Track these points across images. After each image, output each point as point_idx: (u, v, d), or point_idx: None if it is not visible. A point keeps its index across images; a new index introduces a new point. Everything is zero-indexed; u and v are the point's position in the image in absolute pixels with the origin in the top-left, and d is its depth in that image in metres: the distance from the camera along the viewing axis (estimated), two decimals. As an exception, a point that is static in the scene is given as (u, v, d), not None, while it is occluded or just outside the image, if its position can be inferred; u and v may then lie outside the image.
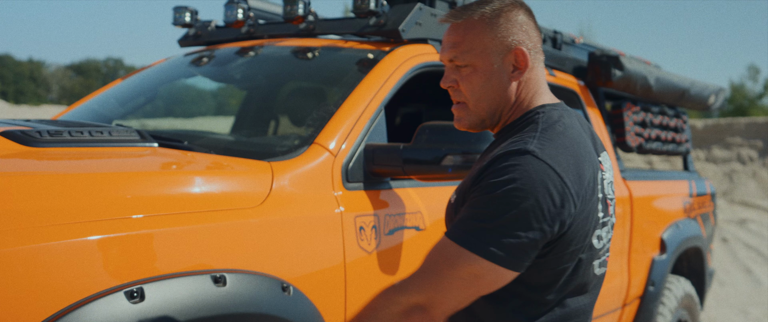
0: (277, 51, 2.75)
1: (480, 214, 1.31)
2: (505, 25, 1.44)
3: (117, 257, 1.46)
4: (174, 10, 3.03)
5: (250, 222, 1.74)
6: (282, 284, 1.74)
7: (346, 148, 2.09)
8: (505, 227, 1.29)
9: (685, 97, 4.13)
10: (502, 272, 1.31)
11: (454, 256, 1.32)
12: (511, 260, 1.30)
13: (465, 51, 1.44)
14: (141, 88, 2.95)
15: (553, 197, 1.30)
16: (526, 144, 1.34)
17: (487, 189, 1.31)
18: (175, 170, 1.81)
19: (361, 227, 2.02)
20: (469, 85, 1.46)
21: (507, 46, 1.44)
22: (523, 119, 1.46)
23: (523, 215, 1.28)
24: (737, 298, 7.16)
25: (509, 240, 1.28)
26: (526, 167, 1.30)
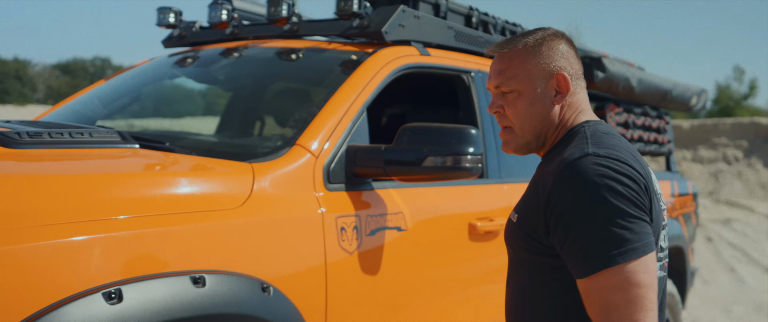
0: (261, 52, 2.75)
1: (593, 231, 1.32)
2: (548, 53, 1.54)
3: (96, 259, 1.46)
4: (158, 10, 3.03)
5: (230, 223, 1.75)
6: (262, 284, 1.75)
7: (328, 150, 2.10)
8: (623, 225, 1.31)
9: (667, 99, 4.17)
10: (651, 258, 1.32)
11: (623, 276, 1.31)
12: (646, 244, 1.32)
13: (510, 77, 1.53)
14: (124, 88, 2.95)
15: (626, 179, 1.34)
16: (581, 151, 1.41)
17: (576, 208, 1.34)
18: (156, 172, 1.82)
19: (342, 227, 2.03)
20: (515, 109, 1.54)
21: (549, 72, 1.53)
22: (568, 135, 1.54)
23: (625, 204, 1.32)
24: (721, 297, 7.24)
25: (636, 230, 1.31)
26: (589, 169, 1.35)
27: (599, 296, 1.33)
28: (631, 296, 1.30)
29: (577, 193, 1.35)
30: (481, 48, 2.97)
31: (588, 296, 1.35)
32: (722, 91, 29.88)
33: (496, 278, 2.66)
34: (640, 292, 1.31)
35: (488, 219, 2.58)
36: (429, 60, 2.62)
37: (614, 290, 1.31)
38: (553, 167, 1.43)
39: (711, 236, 11.29)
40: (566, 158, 1.41)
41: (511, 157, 2.85)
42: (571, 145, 1.47)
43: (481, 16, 3.08)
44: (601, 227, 1.32)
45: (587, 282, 1.34)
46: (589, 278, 1.34)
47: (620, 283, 1.31)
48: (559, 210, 1.37)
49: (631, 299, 1.31)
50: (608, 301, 1.32)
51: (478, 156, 2.12)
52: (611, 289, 1.31)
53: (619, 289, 1.31)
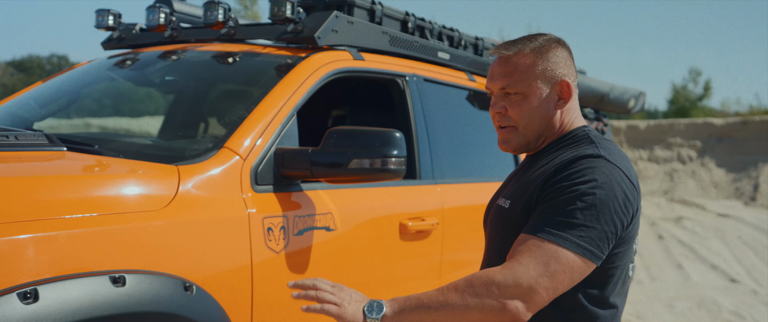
0: (199, 55, 2.79)
1: (566, 213, 1.43)
2: (554, 60, 1.64)
3: (12, 259, 1.50)
4: (96, 13, 3.05)
5: (153, 225, 1.79)
6: (184, 283, 1.80)
7: (256, 152, 2.16)
8: (592, 223, 1.43)
9: (604, 101, 4.32)
10: (590, 265, 1.44)
11: (551, 253, 1.41)
12: (597, 253, 1.43)
13: (518, 80, 1.62)
14: (62, 90, 2.96)
15: (626, 194, 1.47)
16: (594, 151, 1.53)
17: (568, 190, 1.46)
18: (80, 174, 1.86)
19: (269, 227, 2.09)
20: (520, 111, 1.63)
21: (554, 78, 1.63)
22: (569, 136, 1.65)
23: (605, 210, 1.44)
24: (666, 292, 7.47)
25: (596, 234, 1.43)
26: (601, 168, 1.47)
27: (528, 251, 1.42)
28: (554, 271, 1.40)
29: (580, 178, 1.46)
30: (417, 53, 3.05)
31: (518, 245, 1.45)
32: (678, 92, 30.66)
33: (428, 276, 2.75)
34: (564, 279, 1.41)
35: (420, 219, 2.67)
36: (362, 64, 2.70)
37: (547, 259, 1.41)
38: (560, 158, 1.55)
39: (662, 234, 11.61)
40: (579, 152, 1.53)
41: (445, 159, 2.95)
42: (578, 145, 1.59)
43: (418, 22, 3.16)
44: (581, 214, 1.42)
45: (534, 239, 1.44)
46: (538, 238, 1.43)
47: (560, 261, 1.41)
48: (556, 185, 1.48)
49: (553, 273, 1.40)
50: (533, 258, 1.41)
51: (402, 158, 2.20)
52: (547, 257, 1.41)
53: (552, 261, 1.41)
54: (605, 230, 1.43)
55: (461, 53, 3.37)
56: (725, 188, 19.66)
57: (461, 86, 3.29)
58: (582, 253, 1.42)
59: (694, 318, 6.39)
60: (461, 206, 2.91)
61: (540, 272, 1.40)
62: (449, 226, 2.80)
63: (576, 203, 1.44)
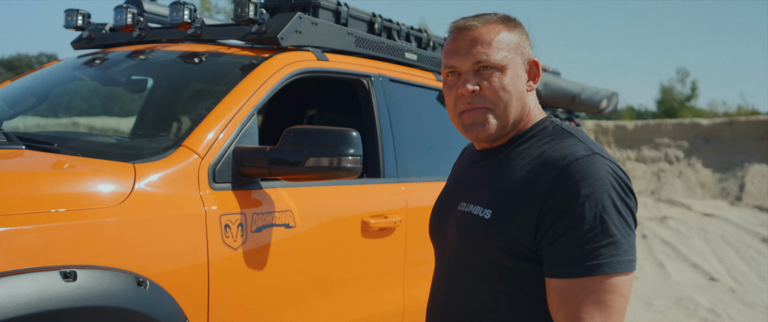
0: (166, 55, 2.83)
1: (592, 236, 1.27)
2: (522, 35, 1.47)
3: (-39, 255, 1.53)
4: (65, 13, 3.08)
5: (107, 221, 1.83)
6: (137, 278, 1.84)
7: (214, 150, 2.20)
8: (619, 233, 1.28)
9: (576, 102, 4.38)
10: (633, 276, 1.31)
11: (613, 286, 1.27)
12: (633, 258, 1.30)
13: (496, 52, 1.42)
14: (31, 89, 2.99)
15: (628, 185, 1.34)
16: (585, 149, 1.36)
17: (584, 208, 1.28)
18: (36, 172, 1.89)
19: (226, 224, 2.13)
20: (499, 87, 1.42)
21: (527, 54, 1.48)
22: (538, 128, 1.47)
23: (624, 211, 1.30)
24: (645, 291, 7.55)
25: (626, 241, 1.29)
26: (601, 169, 1.31)
27: (580, 299, 1.26)
28: (616, 306, 1.27)
29: (588, 190, 1.28)
30: (384, 54, 3.10)
31: (565, 299, 1.28)
32: (666, 92, 30.86)
33: (392, 273, 2.80)
34: (621, 303, 1.28)
35: (383, 217, 2.71)
36: (326, 65, 2.74)
37: (601, 295, 1.26)
38: (547, 160, 1.36)
39: (646, 233, 11.71)
40: (572, 154, 1.34)
41: (410, 158, 2.99)
42: (558, 140, 1.41)
43: (385, 23, 3.21)
44: (608, 231, 1.27)
45: (572, 283, 1.28)
46: (576, 279, 1.27)
47: (609, 290, 1.26)
48: (563, 205, 1.29)
49: (615, 310, 1.27)
50: (591, 306, 1.26)
51: (359, 157, 2.24)
52: (599, 293, 1.26)
53: (606, 294, 1.26)
54: (630, 232, 1.31)
55: (429, 54, 3.41)
56: (711, 188, 19.82)
57: (428, 86, 3.34)
58: (625, 268, 1.28)
59: (672, 316, 6.47)
60: (426, 205, 2.95)
61: (604, 314, 1.27)
62: (413, 224, 2.85)
63: (597, 220, 1.27)
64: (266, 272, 2.24)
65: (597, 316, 1.26)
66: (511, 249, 1.36)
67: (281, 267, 2.30)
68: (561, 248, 1.29)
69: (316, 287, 2.44)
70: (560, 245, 1.29)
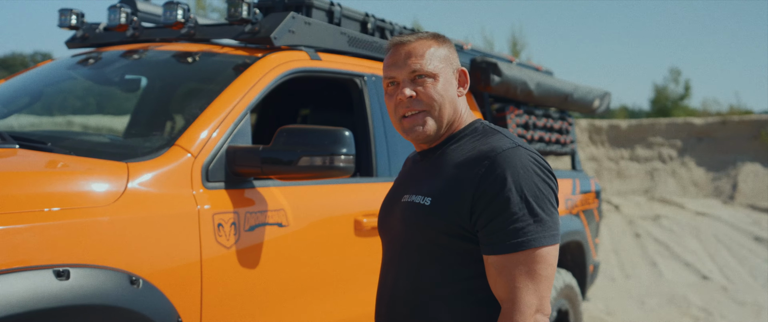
0: (159, 55, 2.84)
1: (520, 215, 1.48)
2: (450, 49, 1.71)
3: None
4: (59, 12, 3.08)
5: (100, 220, 1.84)
6: (130, 277, 1.85)
7: (208, 150, 2.21)
8: (544, 211, 1.50)
9: (568, 101, 4.40)
10: (558, 247, 1.53)
11: (541, 258, 1.48)
12: (558, 232, 1.52)
13: (428, 62, 1.64)
14: (25, 88, 2.99)
15: (549, 170, 1.57)
16: (510, 142, 1.57)
17: (511, 192, 1.49)
18: (29, 171, 1.90)
19: (219, 223, 2.14)
20: (433, 92, 1.64)
21: (456, 64, 1.71)
22: (470, 129, 1.69)
23: (548, 192, 1.53)
24: (638, 289, 7.59)
25: (550, 218, 1.51)
26: (524, 157, 1.53)
27: (515, 272, 1.47)
28: (545, 274, 1.48)
29: (514, 177, 1.50)
30: (377, 53, 3.11)
31: (502, 271, 1.49)
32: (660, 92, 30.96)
33: (384, 272, 2.81)
34: (549, 272, 1.49)
35: (375, 215, 2.73)
36: (319, 64, 2.76)
37: (533, 266, 1.47)
38: (480, 153, 1.56)
39: (639, 232, 11.76)
40: (500, 146, 1.55)
41: (402, 156, 3.01)
42: (488, 136, 1.62)
43: (377, 23, 3.22)
44: (533, 210, 1.48)
45: (506, 258, 1.48)
46: (510, 254, 1.48)
47: (539, 261, 1.48)
48: (493, 191, 1.50)
49: (545, 277, 1.48)
50: (523, 276, 1.47)
51: (351, 156, 2.26)
52: (531, 265, 1.47)
53: (537, 266, 1.48)
54: (553, 210, 1.52)
55: (422, 53, 3.42)
56: (704, 187, 19.91)
57: (421, 86, 3.35)
58: (550, 241, 1.49)
59: (664, 314, 6.51)
60: (418, 203, 2.97)
61: (535, 281, 1.48)
62: (405, 222, 2.86)
63: (523, 202, 1.49)
64: (259, 271, 2.25)
65: (529, 284, 1.48)
66: (449, 230, 1.56)
67: (274, 266, 2.31)
68: (495, 229, 1.50)
69: (309, 285, 2.45)
70: (494, 226, 1.50)
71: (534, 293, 1.48)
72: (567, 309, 4.22)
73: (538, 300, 1.48)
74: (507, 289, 1.49)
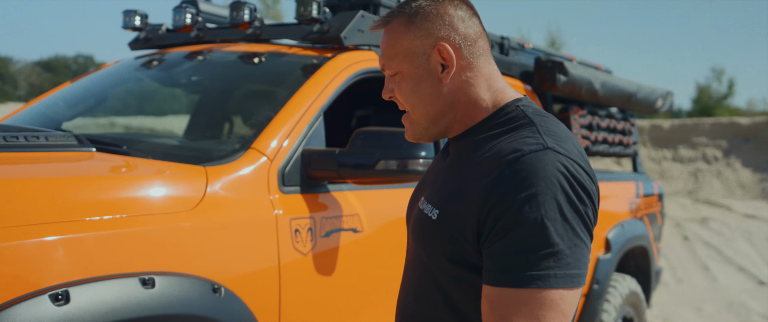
0: (225, 56, 2.79)
1: (542, 238, 1.11)
2: (424, 24, 1.29)
3: (44, 261, 1.50)
4: (123, 13, 3.06)
5: (182, 226, 1.79)
6: (213, 285, 1.79)
7: (283, 153, 2.15)
8: (574, 242, 1.12)
9: (632, 101, 4.25)
10: (580, 289, 1.14)
11: (550, 302, 1.10)
12: (582, 272, 1.13)
13: (390, 57, 1.32)
14: (90, 90, 2.97)
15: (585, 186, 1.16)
16: (538, 142, 1.19)
17: (527, 206, 1.12)
18: (109, 176, 1.86)
19: (296, 229, 2.08)
20: (402, 93, 1.33)
21: (429, 44, 1.29)
22: (501, 114, 1.30)
23: (570, 216, 1.13)
24: (693, 295, 7.36)
25: (571, 252, 1.12)
26: (549, 167, 1.14)
27: (511, 311, 1.11)
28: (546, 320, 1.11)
29: (531, 191, 1.12)
30: (443, 52, 3.02)
31: (497, 307, 1.13)
32: (702, 91, 30.23)
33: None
34: (558, 320, 1.11)
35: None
36: (389, 64, 2.67)
37: (533, 311, 1.10)
38: (496, 154, 1.20)
39: (687, 235, 11.45)
40: (520, 148, 1.17)
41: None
42: (517, 130, 1.25)
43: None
44: (548, 238, 1.10)
45: (505, 292, 1.12)
46: (508, 289, 1.12)
47: (543, 305, 1.10)
48: (504, 205, 1.13)
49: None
50: (519, 319, 1.10)
51: (430, 159, 2.17)
52: (530, 308, 1.10)
53: (538, 311, 1.10)
54: (578, 241, 1.13)
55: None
56: (752, 189, 19.35)
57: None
58: (566, 284, 1.11)
59: (723, 321, 6.29)
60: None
61: None
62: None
63: (537, 226, 1.11)
64: (335, 278, 2.18)
65: None
66: (455, 257, 1.22)
67: (350, 272, 2.24)
68: (496, 253, 1.14)
69: (384, 291, 2.38)
70: (496, 250, 1.14)
71: None
72: (632, 317, 4.08)
73: None
74: None
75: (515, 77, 3.57)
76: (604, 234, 3.78)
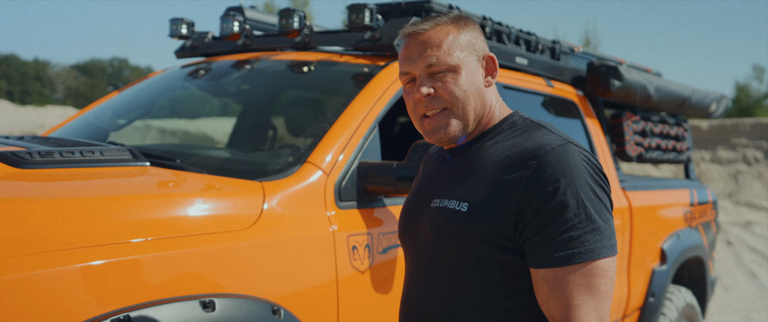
0: (273, 64, 2.74)
1: (584, 218, 1.29)
2: (474, 33, 1.47)
3: (104, 285, 1.45)
4: (170, 22, 3.03)
5: (240, 245, 1.73)
6: (272, 307, 1.73)
7: (340, 166, 2.08)
8: (606, 218, 1.32)
9: (686, 106, 4.10)
10: (615, 258, 1.33)
11: (601, 270, 1.29)
12: (615, 243, 1.33)
13: (446, 54, 1.42)
14: (137, 100, 2.95)
15: (606, 181, 1.36)
16: (559, 138, 1.36)
17: (567, 192, 1.29)
18: (166, 193, 1.80)
19: (353, 246, 2.00)
20: (454, 87, 1.42)
21: (481, 51, 1.47)
22: (507, 123, 1.47)
23: (606, 199, 1.34)
24: (741, 303, 7.13)
25: (611, 227, 1.32)
26: (576, 157, 1.32)
27: (571, 287, 1.28)
28: (605, 289, 1.29)
29: (568, 178, 1.30)
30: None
31: (556, 287, 1.29)
32: (741, 90, 29.49)
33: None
34: (609, 286, 1.30)
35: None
36: (442, 72, 2.59)
37: (592, 280, 1.28)
38: (522, 151, 1.35)
39: (731, 239, 11.13)
40: (547, 143, 1.34)
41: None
42: (530, 131, 1.41)
43: (495, 26, 3.03)
44: (590, 217, 1.29)
45: (560, 271, 1.28)
46: (565, 267, 1.28)
47: (599, 274, 1.28)
48: (544, 195, 1.30)
49: (605, 293, 1.30)
50: (582, 291, 1.28)
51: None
52: (590, 278, 1.28)
53: (597, 279, 1.28)
54: (609, 216, 1.33)
55: (539, 58, 3.23)
56: (795, 191, 18.79)
57: (540, 93, 3.15)
58: (610, 252, 1.30)
59: (775, 332, 6.06)
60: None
61: (596, 298, 1.29)
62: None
63: (579, 208, 1.29)
64: (393, 296, 2.10)
65: (589, 300, 1.28)
66: (489, 240, 1.35)
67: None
68: (546, 238, 1.30)
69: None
70: (545, 235, 1.30)
71: (595, 310, 1.28)
72: (687, 330, 3.93)
73: (599, 319, 1.29)
74: (562, 307, 1.29)
75: (567, 83, 3.45)
76: (659, 245, 3.64)
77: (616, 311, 3.31)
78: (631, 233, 3.37)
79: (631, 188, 3.52)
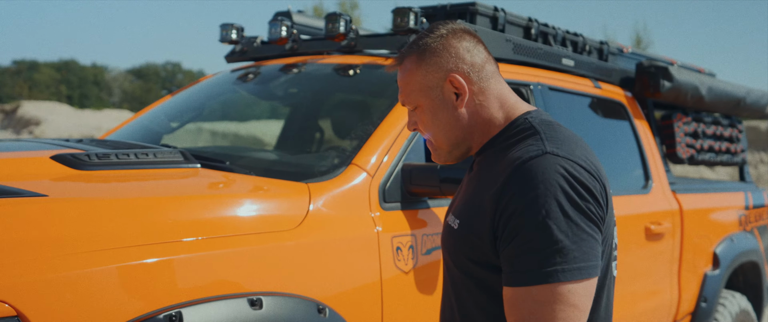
0: (320, 68, 2.79)
1: (544, 237, 1.20)
2: (433, 59, 1.42)
3: (157, 282, 1.51)
4: (220, 27, 3.11)
5: (287, 245, 1.78)
6: (318, 305, 1.77)
7: (384, 168, 2.11)
8: (577, 238, 1.21)
9: (740, 106, 3.99)
10: (592, 281, 1.23)
11: (559, 296, 1.20)
12: (592, 263, 1.23)
13: (407, 94, 1.46)
14: (189, 104, 3.04)
15: (585, 184, 1.25)
16: (539, 148, 1.29)
17: (529, 208, 1.22)
18: (216, 194, 1.87)
19: (398, 247, 2.03)
20: (423, 124, 1.47)
21: (441, 77, 1.42)
22: (512, 128, 1.41)
23: (572, 214, 1.22)
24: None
25: (578, 247, 1.21)
26: (548, 170, 1.24)
27: (527, 309, 1.21)
28: (562, 315, 1.20)
29: (532, 194, 1.22)
30: (541, 60, 2.91)
31: (515, 306, 1.23)
32: (804, 89, 28.34)
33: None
34: (573, 314, 1.20)
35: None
36: (487, 74, 2.59)
37: (546, 306, 1.20)
38: (504, 164, 1.31)
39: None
40: (521, 156, 1.29)
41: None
42: (523, 140, 1.35)
43: (541, 28, 3.02)
44: (552, 237, 1.20)
45: (519, 291, 1.22)
46: (523, 287, 1.21)
47: (555, 300, 1.20)
48: (510, 210, 1.25)
49: (563, 320, 1.20)
50: (535, 314, 1.20)
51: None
52: (543, 303, 1.20)
53: (551, 305, 1.20)
54: (584, 236, 1.21)
55: (586, 59, 3.19)
56: None
57: (587, 94, 3.12)
58: (574, 276, 1.20)
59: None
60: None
61: None
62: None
63: (541, 225, 1.20)
64: (437, 297, 2.12)
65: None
66: (478, 259, 1.34)
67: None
68: (508, 256, 1.26)
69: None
70: (508, 253, 1.26)
71: None
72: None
73: None
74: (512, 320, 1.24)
75: (615, 84, 3.41)
76: (711, 249, 3.55)
77: (665, 315, 3.25)
78: (682, 236, 3.30)
79: (682, 190, 3.45)
